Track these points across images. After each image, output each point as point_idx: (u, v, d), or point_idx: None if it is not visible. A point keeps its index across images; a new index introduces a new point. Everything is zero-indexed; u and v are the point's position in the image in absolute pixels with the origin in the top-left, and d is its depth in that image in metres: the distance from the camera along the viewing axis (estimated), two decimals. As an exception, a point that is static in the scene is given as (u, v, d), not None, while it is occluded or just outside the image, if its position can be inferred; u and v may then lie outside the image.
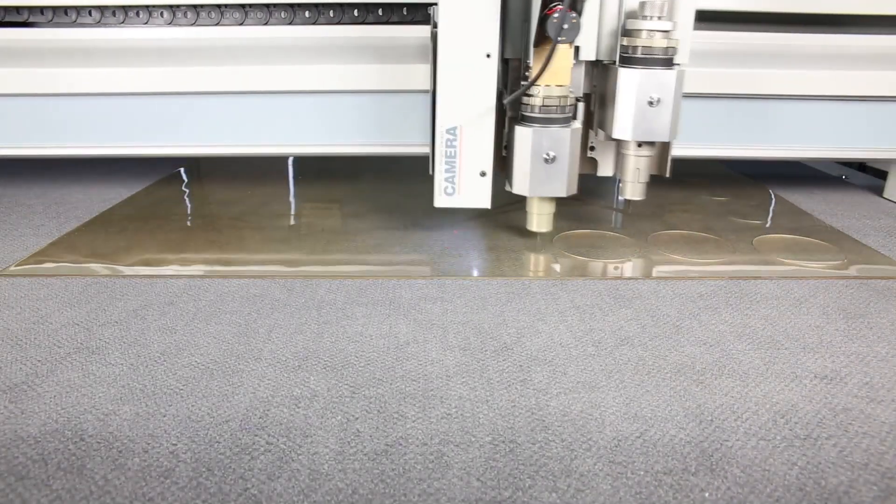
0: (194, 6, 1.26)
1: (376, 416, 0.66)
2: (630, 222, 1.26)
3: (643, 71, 0.99)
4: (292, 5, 1.26)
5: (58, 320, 0.85)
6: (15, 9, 1.26)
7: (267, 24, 1.26)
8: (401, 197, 1.42)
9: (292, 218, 1.28)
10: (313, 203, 1.38)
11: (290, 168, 1.69)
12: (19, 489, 0.55)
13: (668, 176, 1.11)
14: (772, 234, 1.20)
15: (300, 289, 0.95)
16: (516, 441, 0.62)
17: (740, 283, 0.98)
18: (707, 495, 0.55)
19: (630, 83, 1.00)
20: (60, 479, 0.56)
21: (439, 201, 1.09)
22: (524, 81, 1.02)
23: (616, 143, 1.13)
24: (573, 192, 1.06)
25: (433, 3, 1.08)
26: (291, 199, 1.42)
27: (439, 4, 0.99)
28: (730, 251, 1.11)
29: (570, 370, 0.74)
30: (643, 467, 0.59)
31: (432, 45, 1.03)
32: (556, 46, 0.95)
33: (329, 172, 1.63)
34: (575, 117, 1.04)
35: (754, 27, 1.26)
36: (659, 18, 0.98)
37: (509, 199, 1.33)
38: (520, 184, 1.05)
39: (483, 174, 1.06)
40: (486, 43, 1.00)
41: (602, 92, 1.09)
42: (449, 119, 1.04)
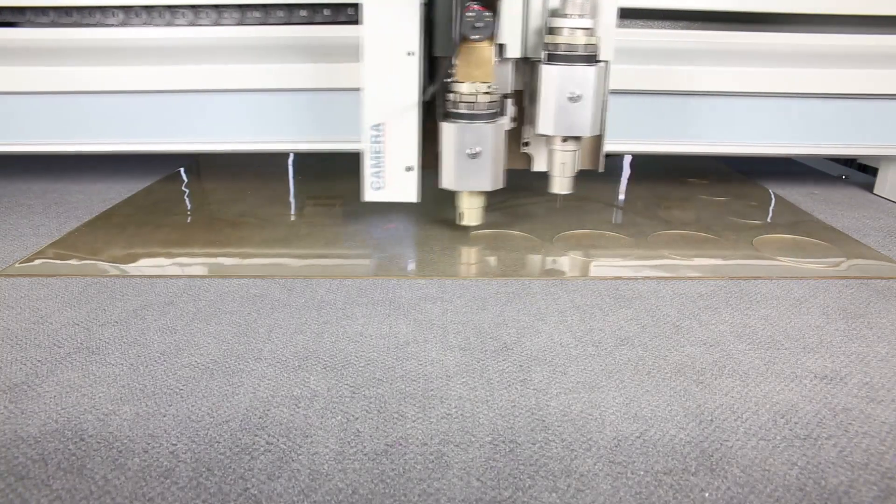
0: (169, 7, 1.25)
1: (376, 416, 0.66)
2: (630, 222, 1.26)
3: (564, 67, 1.02)
4: (242, 7, 1.25)
5: (58, 320, 0.85)
6: (15, 9, 1.25)
7: (217, 24, 1.27)
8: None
9: (292, 217, 1.28)
10: (314, 201, 1.38)
11: (290, 168, 1.69)
12: (19, 489, 0.55)
13: (600, 170, 1.14)
14: (772, 234, 1.20)
15: (300, 289, 0.95)
16: (516, 441, 0.62)
17: (740, 283, 0.98)
18: (707, 495, 0.55)
19: (551, 79, 1.03)
20: (60, 479, 0.56)
21: (367, 195, 1.11)
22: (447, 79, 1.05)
23: (545, 139, 1.15)
24: (499, 187, 1.08)
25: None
26: (291, 199, 1.42)
27: (362, 4, 1.02)
28: (730, 251, 1.11)
29: (570, 370, 0.74)
30: (643, 467, 0.59)
31: (361, 44, 1.05)
32: (469, 44, 1.00)
33: (329, 171, 1.63)
34: (502, 113, 1.06)
35: (701, 25, 1.29)
36: (580, 16, 1.01)
37: (501, 195, 1.32)
38: (447, 178, 1.08)
39: (409, 169, 1.09)
40: (408, 41, 1.03)
41: (532, 89, 1.11)
42: (374, 116, 1.06)
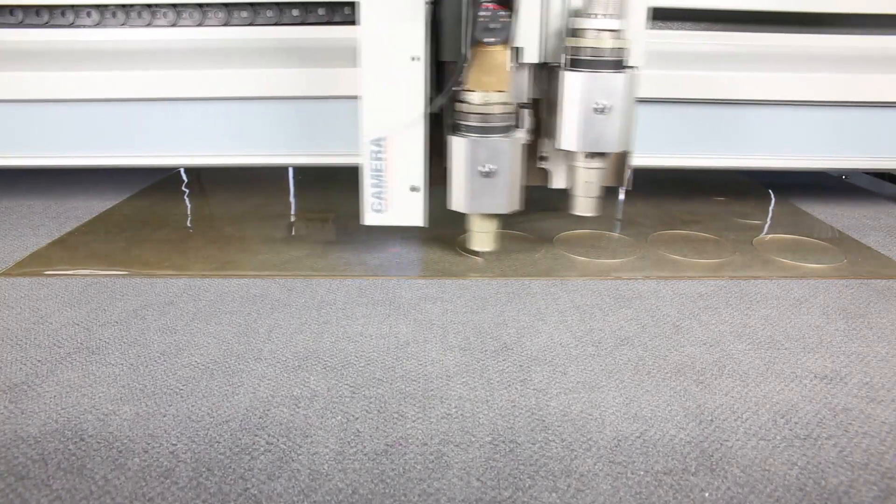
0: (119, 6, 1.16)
1: (376, 416, 0.66)
2: (630, 222, 1.26)
3: (589, 74, 0.90)
4: (226, 5, 1.15)
5: (58, 320, 0.85)
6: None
7: (200, 25, 1.17)
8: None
9: (292, 218, 1.28)
10: (309, 209, 1.38)
11: (290, 170, 1.69)
12: (19, 489, 0.55)
13: (628, 188, 0.99)
14: (771, 234, 1.20)
15: (300, 289, 0.95)
16: (516, 441, 0.62)
17: (740, 283, 0.98)
18: (707, 495, 0.55)
19: (574, 88, 0.91)
20: (60, 479, 0.56)
21: (368, 219, 0.99)
22: (457, 88, 0.93)
23: (566, 154, 1.02)
24: (515, 209, 0.97)
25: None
26: (291, 199, 1.42)
27: (361, 3, 0.90)
28: (730, 251, 1.11)
29: (570, 370, 0.74)
30: (643, 467, 0.59)
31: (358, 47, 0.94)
32: (482, 48, 0.88)
33: (328, 176, 1.63)
34: (518, 125, 0.95)
35: (724, 27, 1.17)
36: (607, 16, 0.89)
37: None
38: (457, 199, 0.96)
39: (414, 189, 0.96)
40: (412, 44, 0.91)
41: (550, 98, 1.00)
42: (375, 129, 0.94)
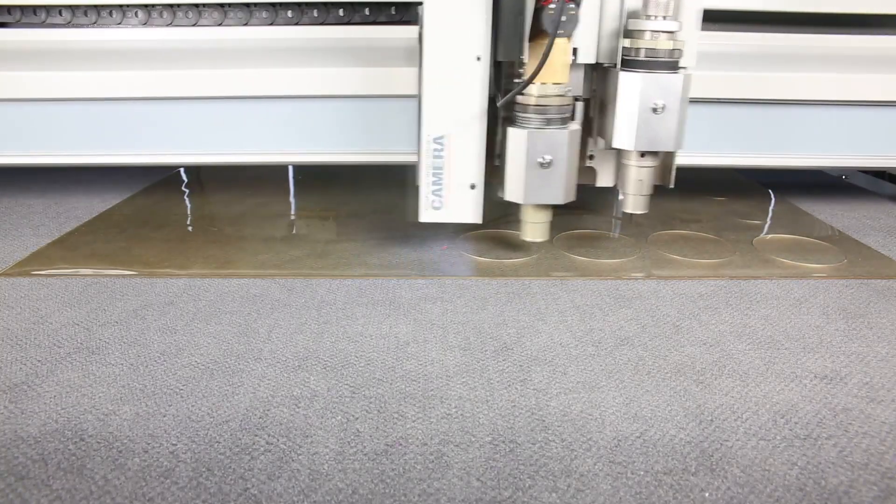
0: (170, 5, 1.15)
1: (376, 416, 0.66)
2: (630, 222, 1.26)
3: (646, 75, 0.92)
4: (274, 4, 1.15)
5: (58, 320, 0.85)
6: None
7: (247, 24, 1.16)
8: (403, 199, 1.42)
9: (292, 218, 1.28)
10: (310, 209, 1.38)
11: (290, 169, 1.69)
12: (19, 489, 0.55)
13: (671, 186, 1.04)
14: (771, 234, 1.20)
15: (300, 289, 0.95)
16: (516, 441, 0.62)
17: (740, 283, 0.98)
18: (707, 495, 0.55)
19: (632, 88, 0.93)
20: (60, 479, 0.56)
21: (425, 216, 1.02)
22: (517, 80, 0.95)
23: (616, 153, 1.06)
24: (571, 199, 0.99)
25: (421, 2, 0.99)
26: (291, 199, 1.42)
27: (424, 3, 0.92)
28: (730, 251, 1.11)
29: (570, 370, 0.74)
30: (643, 467, 0.59)
31: (420, 47, 0.96)
32: (554, 40, 0.88)
33: (330, 175, 1.63)
34: (573, 118, 0.98)
35: (770, 28, 1.17)
36: (664, 18, 0.91)
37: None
38: (513, 190, 0.98)
39: (473, 187, 1.00)
40: (476, 44, 0.93)
41: (602, 97, 1.03)
42: (436, 127, 0.97)
